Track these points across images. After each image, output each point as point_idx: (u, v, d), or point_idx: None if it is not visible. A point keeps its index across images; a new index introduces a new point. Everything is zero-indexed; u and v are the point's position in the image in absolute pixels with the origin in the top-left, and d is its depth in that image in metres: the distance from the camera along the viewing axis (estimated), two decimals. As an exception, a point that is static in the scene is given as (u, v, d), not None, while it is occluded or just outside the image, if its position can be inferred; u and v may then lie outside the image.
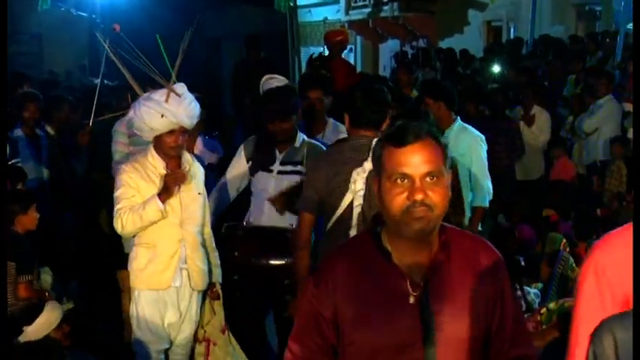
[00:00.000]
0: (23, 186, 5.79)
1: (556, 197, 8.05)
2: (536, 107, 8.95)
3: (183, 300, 4.62)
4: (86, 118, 7.37)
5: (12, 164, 6.33)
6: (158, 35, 4.55)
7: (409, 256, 2.33)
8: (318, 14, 21.57)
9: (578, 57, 10.91)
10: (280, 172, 5.00)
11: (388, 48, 19.78)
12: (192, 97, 4.51)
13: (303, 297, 2.45)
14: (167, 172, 4.46)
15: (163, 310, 4.57)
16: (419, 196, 2.23)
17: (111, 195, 4.55)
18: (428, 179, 2.25)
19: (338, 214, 4.09)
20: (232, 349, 4.87)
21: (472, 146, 5.70)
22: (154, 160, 4.48)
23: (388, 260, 2.34)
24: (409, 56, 16.74)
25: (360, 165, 4.03)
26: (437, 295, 2.31)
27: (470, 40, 16.23)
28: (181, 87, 4.44)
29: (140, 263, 4.53)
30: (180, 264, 4.55)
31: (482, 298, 2.35)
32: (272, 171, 5.00)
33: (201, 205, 4.66)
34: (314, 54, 11.75)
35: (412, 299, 2.30)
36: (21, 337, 4.25)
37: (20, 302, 4.80)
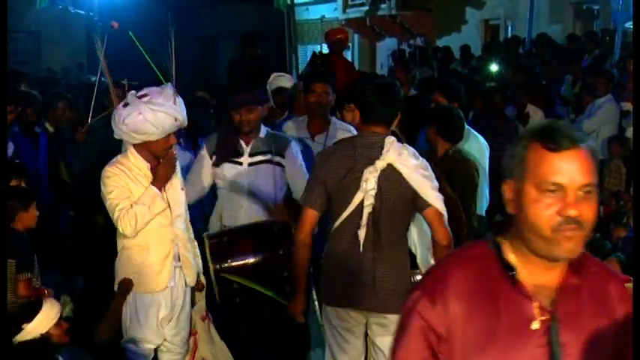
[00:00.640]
0: (25, 183, 5.75)
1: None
2: (530, 106, 8.95)
3: (178, 298, 4.60)
4: (84, 116, 7.37)
5: (15, 161, 6.30)
6: (131, 33, 4.53)
7: (538, 276, 2.04)
8: (315, 12, 21.58)
9: (575, 56, 10.91)
10: (251, 164, 4.97)
11: (385, 46, 19.80)
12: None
13: (410, 310, 2.10)
14: (161, 163, 4.40)
15: (158, 311, 4.54)
16: (572, 212, 1.94)
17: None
18: (582, 192, 1.96)
19: (347, 213, 4.00)
20: (211, 339, 4.86)
21: (481, 152, 5.68)
22: (137, 161, 4.41)
23: (512, 278, 2.04)
24: (406, 54, 16.74)
25: (372, 163, 3.94)
26: (567, 324, 2.02)
27: (467, 39, 16.23)
28: (170, 87, 4.41)
29: (134, 266, 4.48)
30: (174, 263, 4.52)
31: (612, 332, 2.07)
32: (242, 163, 4.97)
33: (184, 201, 4.62)
34: (315, 52, 11.75)
35: (538, 325, 2.01)
36: (20, 336, 4.24)
37: (20, 300, 4.79)
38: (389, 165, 3.92)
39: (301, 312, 4.31)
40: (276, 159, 4.98)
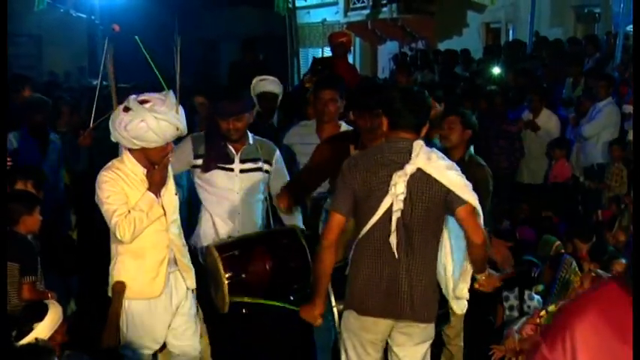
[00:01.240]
0: (33, 185, 5.72)
1: (553, 199, 8.06)
2: (545, 111, 8.94)
3: (181, 303, 4.57)
4: (86, 119, 7.37)
5: (26, 165, 6.29)
6: (138, 37, 4.50)
7: None
8: (316, 16, 21.60)
9: (575, 59, 10.91)
10: (243, 171, 4.98)
11: (387, 50, 19.80)
12: None
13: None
14: (154, 169, 4.36)
15: (154, 317, 4.50)
16: None
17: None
18: None
19: (375, 219, 3.88)
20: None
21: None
22: (133, 166, 4.36)
23: None
24: (408, 58, 16.76)
25: (401, 168, 3.83)
26: None
27: (469, 42, 16.24)
28: (173, 95, 4.35)
29: (129, 272, 4.43)
30: (169, 269, 4.48)
31: None
32: (233, 170, 4.97)
33: (178, 205, 4.59)
34: (316, 57, 11.77)
35: None
36: (29, 336, 4.25)
37: (23, 304, 4.79)
38: (418, 169, 3.83)
39: (319, 316, 4.17)
40: (265, 167, 5.04)
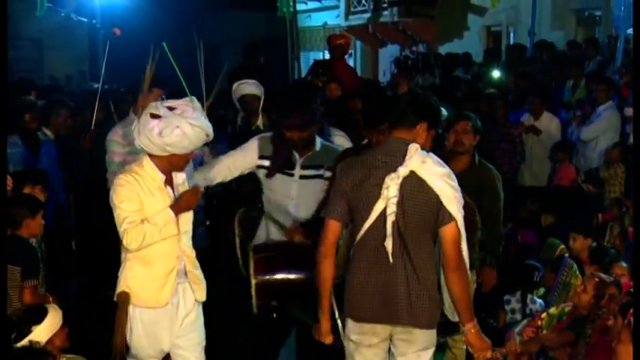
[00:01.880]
0: (42, 190, 5.71)
1: (555, 202, 8.05)
2: (546, 114, 8.93)
3: (188, 314, 4.46)
4: (87, 123, 7.39)
5: (32, 168, 6.29)
6: (165, 44, 4.49)
7: None
8: (317, 19, 21.65)
9: (575, 62, 10.90)
10: (302, 177, 4.91)
11: (388, 53, 19.84)
12: None
13: None
14: (189, 189, 4.31)
15: (159, 327, 4.39)
16: None
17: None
18: None
19: (369, 223, 3.81)
20: None
21: None
22: (153, 172, 4.25)
23: None
24: (409, 61, 16.77)
25: (394, 170, 3.75)
26: None
27: (469, 45, 16.25)
28: (196, 101, 4.27)
29: (137, 279, 4.34)
30: (178, 279, 4.38)
31: None
32: (293, 175, 4.92)
33: (192, 217, 4.47)
34: (316, 60, 11.80)
35: None
36: (27, 339, 4.25)
37: (24, 307, 4.79)
38: (412, 172, 3.75)
39: (328, 332, 4.08)
40: (327, 174, 4.88)
